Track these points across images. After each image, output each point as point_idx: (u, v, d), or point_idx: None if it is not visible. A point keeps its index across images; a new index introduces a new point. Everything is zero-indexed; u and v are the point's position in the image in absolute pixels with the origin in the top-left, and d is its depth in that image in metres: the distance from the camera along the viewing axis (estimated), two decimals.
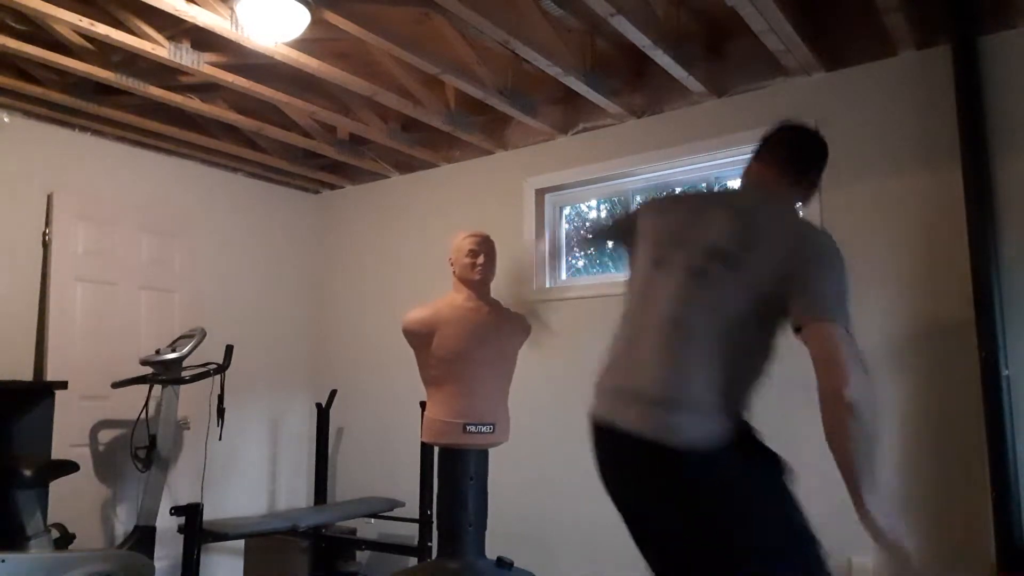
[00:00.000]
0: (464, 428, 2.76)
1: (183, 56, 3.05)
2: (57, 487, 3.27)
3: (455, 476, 2.82)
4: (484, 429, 2.79)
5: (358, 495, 4.45)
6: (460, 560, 2.76)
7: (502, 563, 2.85)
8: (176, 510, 3.23)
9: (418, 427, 3.59)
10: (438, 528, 2.88)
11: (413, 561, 3.74)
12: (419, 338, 2.85)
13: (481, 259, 2.89)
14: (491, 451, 2.92)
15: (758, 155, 1.93)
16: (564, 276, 4.07)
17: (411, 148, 4.17)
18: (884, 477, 1.60)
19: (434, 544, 3.46)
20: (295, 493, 4.77)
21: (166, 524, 3.35)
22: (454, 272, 2.93)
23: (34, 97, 3.48)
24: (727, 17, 2.95)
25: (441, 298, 2.93)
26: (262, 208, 4.78)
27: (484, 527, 2.86)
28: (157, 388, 3.49)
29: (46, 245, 3.69)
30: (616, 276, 3.84)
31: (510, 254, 4.03)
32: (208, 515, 3.36)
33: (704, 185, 3.61)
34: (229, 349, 3.55)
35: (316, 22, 2.73)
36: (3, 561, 2.75)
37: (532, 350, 3.02)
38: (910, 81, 2.99)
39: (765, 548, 1.53)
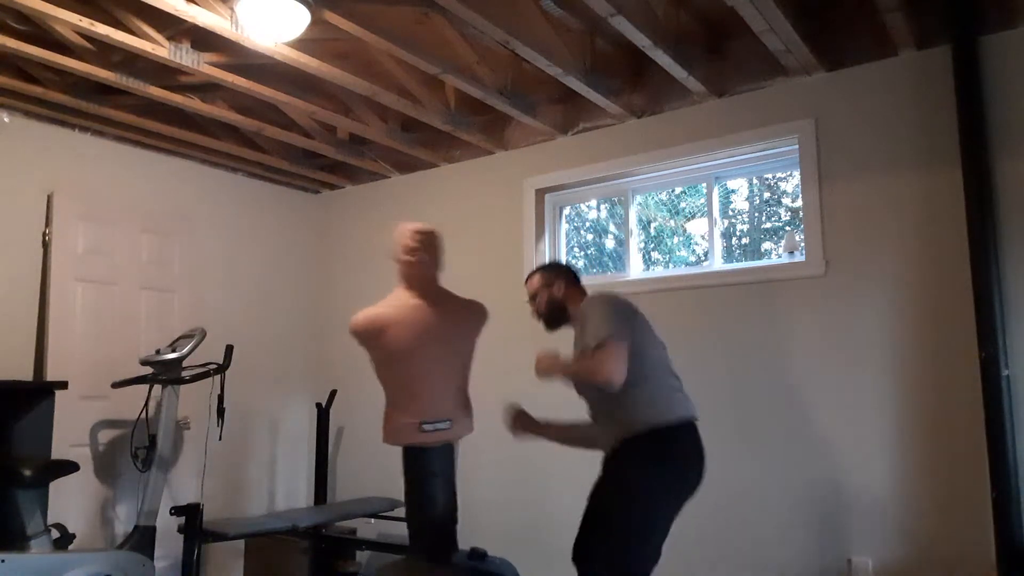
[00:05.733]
0: (420, 426, 2.71)
1: (183, 56, 3.05)
2: (57, 487, 3.28)
3: (420, 475, 2.76)
4: (441, 426, 2.73)
5: (358, 495, 4.45)
6: (432, 553, 2.74)
7: (475, 553, 2.84)
8: (176, 510, 3.23)
9: None
10: (408, 527, 2.83)
11: None
12: (369, 338, 2.79)
13: (421, 254, 2.81)
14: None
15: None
16: None
17: (411, 148, 4.16)
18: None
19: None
20: (295, 493, 4.77)
21: (166, 524, 3.35)
22: (397, 270, 2.86)
23: (34, 97, 3.48)
24: (727, 17, 2.95)
25: (389, 297, 2.87)
26: (262, 208, 4.78)
27: (455, 521, 2.82)
28: (157, 388, 3.49)
29: (46, 245, 3.69)
30: (615, 276, 3.84)
31: (510, 254, 4.04)
32: (208, 515, 3.36)
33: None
34: (229, 349, 3.55)
35: (316, 22, 2.73)
36: (3, 561, 2.74)
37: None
38: (910, 81, 2.99)
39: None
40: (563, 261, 2.92)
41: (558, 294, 2.67)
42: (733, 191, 3.83)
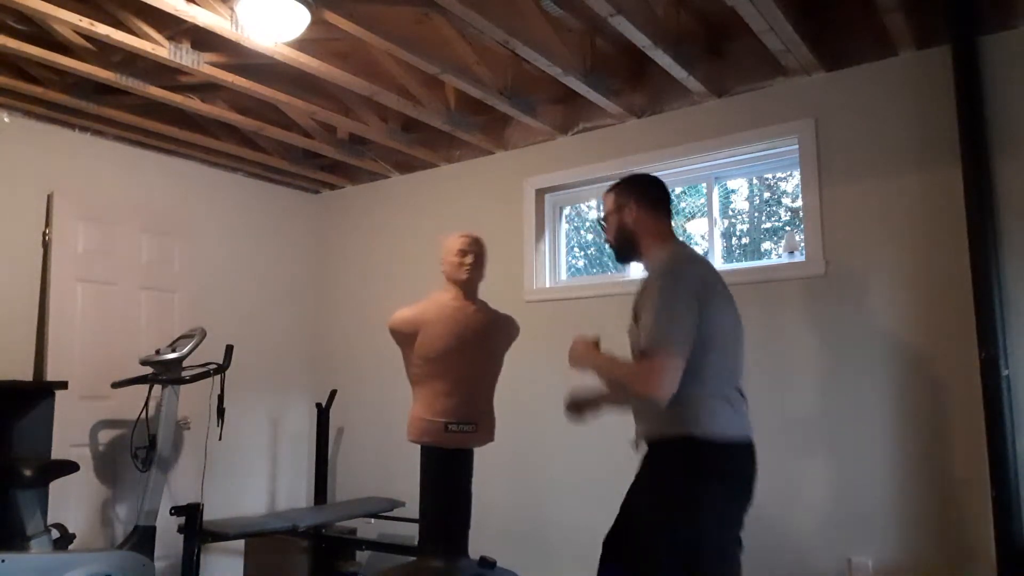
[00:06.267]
0: (446, 427, 2.75)
1: (183, 56, 3.05)
2: (57, 487, 3.27)
3: (437, 475, 2.80)
4: (466, 428, 2.78)
5: (358, 495, 4.45)
6: (443, 559, 2.76)
7: (485, 562, 2.85)
8: (176, 510, 3.23)
9: None
10: (421, 527, 2.86)
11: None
12: (405, 337, 2.85)
13: (470, 259, 2.88)
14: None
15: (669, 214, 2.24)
16: (564, 276, 4.07)
17: (411, 148, 4.16)
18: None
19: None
20: (295, 493, 4.77)
21: (166, 524, 3.35)
22: (443, 271, 2.94)
23: (34, 97, 3.48)
24: (727, 17, 2.95)
25: (429, 297, 2.93)
26: (262, 208, 4.78)
27: (467, 526, 2.85)
28: (157, 388, 3.49)
29: (46, 245, 3.69)
30: (615, 276, 3.84)
31: (510, 254, 4.04)
32: (208, 515, 3.36)
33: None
34: (229, 349, 3.55)
35: (316, 22, 2.73)
36: (3, 561, 2.74)
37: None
38: (910, 81, 2.99)
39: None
40: (647, 173, 2.33)
41: (628, 220, 2.18)
42: (733, 191, 3.83)
